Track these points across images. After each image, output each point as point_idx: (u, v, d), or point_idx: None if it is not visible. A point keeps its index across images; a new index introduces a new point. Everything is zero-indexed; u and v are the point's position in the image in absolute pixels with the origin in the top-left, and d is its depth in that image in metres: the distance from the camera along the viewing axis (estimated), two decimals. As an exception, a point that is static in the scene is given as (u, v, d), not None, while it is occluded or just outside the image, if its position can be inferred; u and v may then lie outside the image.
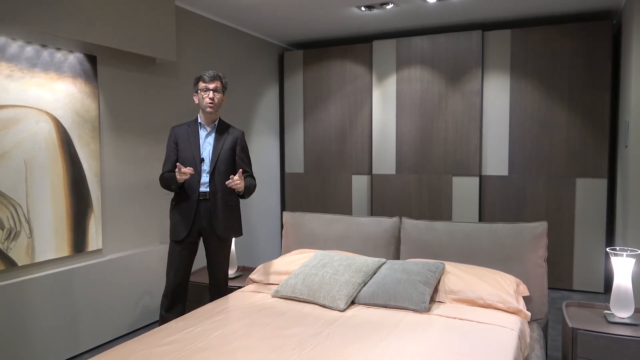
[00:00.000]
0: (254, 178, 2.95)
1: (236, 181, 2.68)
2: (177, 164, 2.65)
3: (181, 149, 2.81)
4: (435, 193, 4.78)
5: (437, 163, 4.76)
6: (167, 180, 2.78)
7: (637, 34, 3.39)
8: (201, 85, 2.78)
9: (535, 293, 2.65)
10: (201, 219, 2.80)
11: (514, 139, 4.53)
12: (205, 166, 2.80)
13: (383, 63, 4.93)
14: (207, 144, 2.83)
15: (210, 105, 2.77)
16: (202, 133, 2.84)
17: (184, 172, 2.61)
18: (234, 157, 2.87)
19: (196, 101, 2.83)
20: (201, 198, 2.78)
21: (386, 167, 4.97)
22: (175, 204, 2.83)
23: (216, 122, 2.87)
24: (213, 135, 2.85)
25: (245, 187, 2.79)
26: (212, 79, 2.78)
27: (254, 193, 3.00)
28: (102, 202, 3.32)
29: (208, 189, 2.79)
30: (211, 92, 2.77)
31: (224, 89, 2.85)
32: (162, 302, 2.85)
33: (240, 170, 2.73)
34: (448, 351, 1.91)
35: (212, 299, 2.91)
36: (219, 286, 2.93)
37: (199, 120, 2.85)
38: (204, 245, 2.92)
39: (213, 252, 2.90)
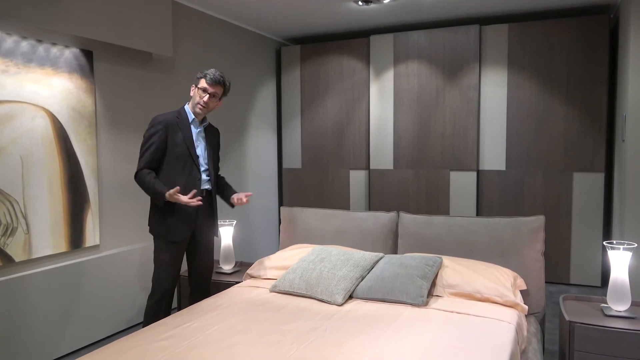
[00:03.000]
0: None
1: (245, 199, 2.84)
2: (177, 194, 2.52)
3: (173, 142, 2.65)
4: (433, 188, 4.78)
5: (435, 158, 4.76)
6: (153, 191, 2.57)
7: (634, 28, 3.39)
8: (202, 84, 2.67)
9: (533, 287, 2.66)
10: (200, 218, 2.78)
11: (511, 133, 4.53)
12: (202, 164, 2.77)
13: (380, 58, 4.92)
14: (199, 141, 2.77)
15: (202, 108, 2.68)
16: (194, 129, 2.75)
17: (190, 201, 2.52)
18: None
19: (191, 94, 2.75)
20: (202, 195, 2.75)
21: (384, 162, 4.97)
22: (174, 203, 2.62)
23: (207, 120, 2.84)
24: (203, 132, 2.80)
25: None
26: (215, 83, 2.66)
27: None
28: (99, 197, 3.31)
29: (209, 187, 2.80)
30: (208, 95, 2.66)
31: (223, 95, 2.76)
32: (155, 307, 2.67)
33: (248, 193, 2.87)
34: (446, 345, 1.91)
35: (195, 295, 2.91)
36: (207, 282, 2.94)
37: (192, 116, 2.73)
38: (193, 243, 2.83)
39: (204, 249, 2.87)
